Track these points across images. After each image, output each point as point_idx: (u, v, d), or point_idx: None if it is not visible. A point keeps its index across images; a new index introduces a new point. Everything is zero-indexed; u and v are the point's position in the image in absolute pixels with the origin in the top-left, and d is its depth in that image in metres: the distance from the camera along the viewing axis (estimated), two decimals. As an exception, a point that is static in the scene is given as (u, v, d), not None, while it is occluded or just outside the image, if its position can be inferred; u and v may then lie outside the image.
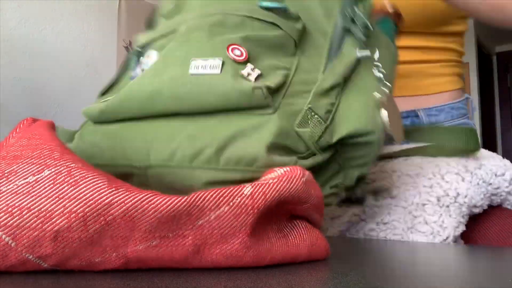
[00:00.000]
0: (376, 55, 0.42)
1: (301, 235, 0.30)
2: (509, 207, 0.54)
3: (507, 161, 0.54)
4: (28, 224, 0.22)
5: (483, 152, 0.55)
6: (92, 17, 1.89)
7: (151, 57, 0.39)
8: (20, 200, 0.23)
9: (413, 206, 0.49)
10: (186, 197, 0.25)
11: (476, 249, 0.40)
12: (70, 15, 1.80)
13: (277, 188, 0.27)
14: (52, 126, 0.30)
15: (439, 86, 0.73)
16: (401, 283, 0.23)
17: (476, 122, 4.28)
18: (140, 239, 0.24)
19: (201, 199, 0.25)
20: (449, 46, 0.75)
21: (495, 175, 0.51)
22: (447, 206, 0.48)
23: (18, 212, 0.23)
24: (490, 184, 0.50)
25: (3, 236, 0.22)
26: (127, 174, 0.33)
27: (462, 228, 0.48)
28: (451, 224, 0.47)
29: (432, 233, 0.47)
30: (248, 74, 0.34)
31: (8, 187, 0.23)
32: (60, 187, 0.23)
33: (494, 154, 0.56)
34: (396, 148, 0.59)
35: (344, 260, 0.31)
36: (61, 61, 1.75)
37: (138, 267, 0.25)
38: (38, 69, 1.65)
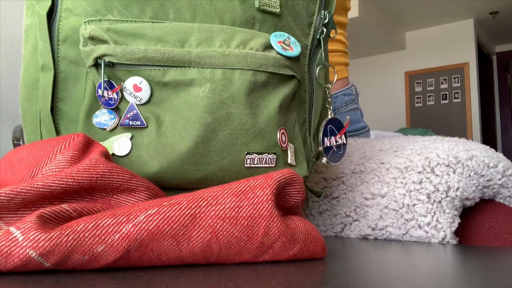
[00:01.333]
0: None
1: (295, 221, 0.30)
2: (501, 200, 0.53)
3: (500, 153, 0.53)
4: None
5: (475, 144, 0.54)
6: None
7: (144, 91, 0.33)
8: None
9: (404, 208, 0.48)
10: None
11: (473, 248, 0.40)
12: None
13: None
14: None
15: (331, 75, 0.81)
16: (400, 283, 0.23)
17: (476, 122, 4.28)
18: (139, 210, 0.25)
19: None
20: (336, 38, 0.80)
21: (488, 166, 0.49)
22: (439, 202, 0.47)
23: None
24: (482, 176, 0.49)
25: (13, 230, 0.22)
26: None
27: (457, 221, 0.47)
28: (446, 221, 0.46)
29: (427, 237, 0.46)
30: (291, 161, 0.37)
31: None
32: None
33: (486, 146, 0.54)
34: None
35: (344, 260, 0.31)
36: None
37: (139, 258, 0.25)
38: (38, 69, 1.64)
